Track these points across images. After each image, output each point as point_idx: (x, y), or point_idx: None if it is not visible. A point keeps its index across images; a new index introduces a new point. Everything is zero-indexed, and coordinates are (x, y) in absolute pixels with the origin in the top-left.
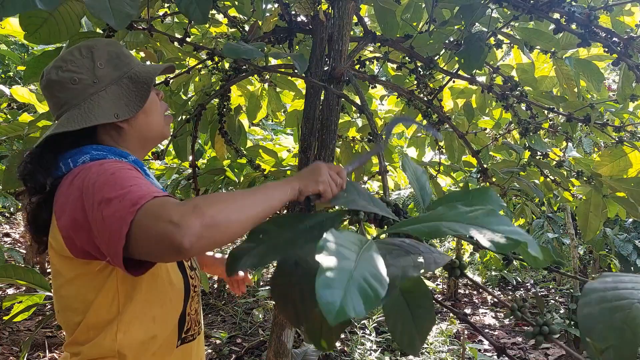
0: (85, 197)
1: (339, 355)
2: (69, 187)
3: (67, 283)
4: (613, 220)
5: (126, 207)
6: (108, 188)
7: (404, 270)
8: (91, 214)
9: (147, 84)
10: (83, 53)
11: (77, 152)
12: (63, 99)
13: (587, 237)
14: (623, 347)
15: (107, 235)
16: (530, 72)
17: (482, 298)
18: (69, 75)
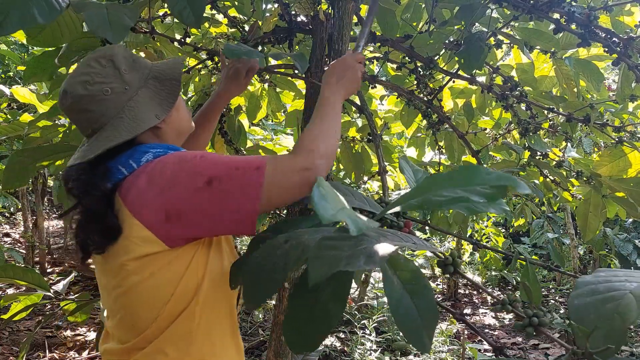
0: (184, 185)
1: (339, 355)
2: (149, 183)
3: (144, 281)
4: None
5: (249, 173)
6: (210, 167)
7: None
8: (202, 196)
9: (175, 79)
10: (102, 63)
11: (133, 153)
12: (98, 112)
13: (587, 237)
14: (612, 334)
15: (234, 205)
16: (530, 72)
17: (482, 298)
18: (99, 87)
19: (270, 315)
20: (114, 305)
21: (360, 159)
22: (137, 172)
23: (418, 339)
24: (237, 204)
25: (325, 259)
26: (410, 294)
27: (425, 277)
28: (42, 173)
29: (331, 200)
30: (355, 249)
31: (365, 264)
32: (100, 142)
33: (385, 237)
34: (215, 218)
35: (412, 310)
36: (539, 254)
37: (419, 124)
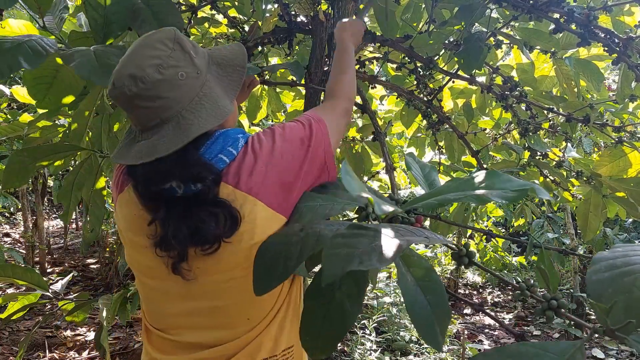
0: (289, 154)
1: (339, 355)
2: (259, 163)
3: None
4: (613, 220)
5: (320, 126)
6: (296, 132)
7: (409, 241)
8: (302, 158)
9: (240, 66)
10: (170, 45)
11: (227, 140)
12: (173, 99)
13: (587, 237)
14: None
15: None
16: (530, 72)
17: (482, 298)
18: (174, 71)
19: None
20: (221, 302)
21: (360, 159)
22: (239, 157)
23: (432, 336)
24: (321, 154)
25: (339, 257)
26: (424, 291)
27: (436, 273)
28: (42, 173)
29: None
30: (369, 245)
31: (379, 261)
32: (185, 130)
33: (398, 233)
34: (311, 174)
35: (426, 307)
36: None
37: (419, 124)
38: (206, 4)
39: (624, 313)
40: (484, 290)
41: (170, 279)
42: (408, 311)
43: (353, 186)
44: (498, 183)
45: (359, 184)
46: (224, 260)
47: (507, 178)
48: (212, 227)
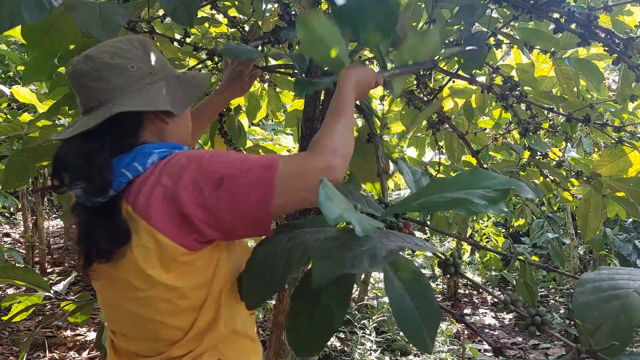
0: (195, 187)
1: (339, 355)
2: (159, 187)
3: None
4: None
5: (261, 173)
6: (219, 167)
7: (399, 247)
8: (212, 198)
9: (199, 85)
10: (135, 44)
11: (137, 154)
12: (116, 85)
13: (587, 237)
14: (617, 332)
15: (246, 206)
16: (530, 72)
17: (482, 298)
18: (126, 61)
19: (270, 315)
20: (132, 319)
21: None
22: (144, 175)
23: (420, 339)
24: (249, 205)
25: (329, 261)
26: (411, 295)
27: (426, 277)
28: (42, 173)
29: (337, 201)
30: (359, 249)
31: (369, 265)
32: (109, 109)
33: (387, 238)
34: (228, 220)
35: (413, 311)
36: (539, 254)
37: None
38: (206, 4)
39: (608, 337)
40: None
41: (97, 281)
42: (394, 315)
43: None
44: (481, 182)
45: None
46: (124, 279)
47: (490, 176)
48: (101, 241)
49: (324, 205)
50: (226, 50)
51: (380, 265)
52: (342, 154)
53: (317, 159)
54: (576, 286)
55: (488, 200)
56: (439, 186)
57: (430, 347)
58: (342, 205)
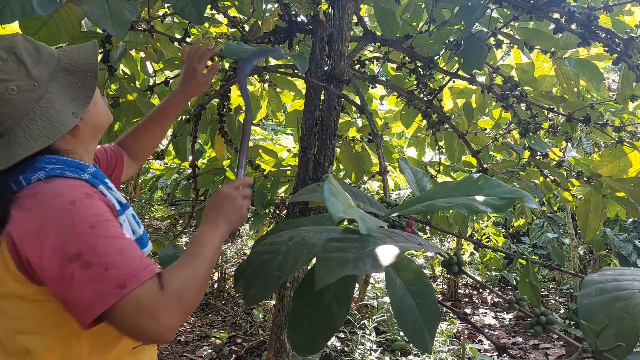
0: (48, 243)
1: (339, 355)
2: (24, 218)
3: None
4: (613, 220)
5: (110, 285)
6: (87, 247)
7: (403, 248)
8: (53, 264)
9: (91, 71)
10: (3, 57)
11: (28, 167)
12: (6, 114)
13: (587, 237)
14: (622, 332)
15: (75, 299)
16: (530, 72)
17: (482, 298)
18: (3, 85)
19: (270, 315)
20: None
21: (361, 159)
22: (22, 193)
23: (420, 339)
24: (78, 303)
25: (332, 262)
26: (412, 295)
27: (427, 277)
28: None
29: (341, 198)
30: (362, 251)
31: (373, 267)
32: (12, 149)
33: (391, 238)
34: (60, 293)
35: (415, 311)
36: (539, 254)
37: (419, 124)
38: (207, 3)
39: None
40: (484, 290)
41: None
42: (395, 315)
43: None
44: (486, 189)
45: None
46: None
47: (496, 184)
48: None
49: (329, 202)
50: (226, 51)
51: (384, 268)
52: (187, 309)
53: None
54: (580, 288)
55: (493, 207)
56: (444, 190)
57: (430, 347)
58: (346, 203)
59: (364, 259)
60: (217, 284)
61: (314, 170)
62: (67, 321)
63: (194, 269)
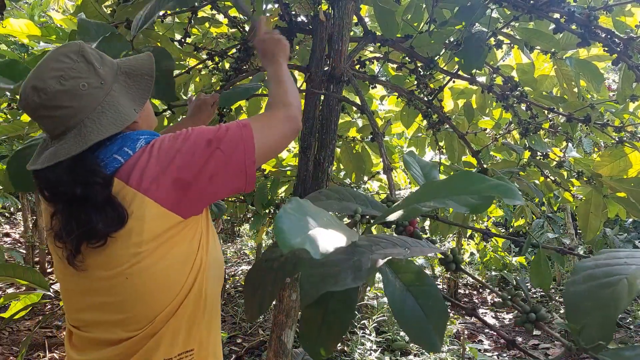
0: (187, 153)
1: (339, 355)
2: (153, 161)
3: (159, 261)
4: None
5: (240, 130)
6: (204, 134)
7: (386, 254)
8: (205, 158)
9: (149, 75)
10: (73, 58)
11: (125, 140)
12: (77, 107)
13: (587, 237)
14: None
15: (235, 157)
16: (530, 73)
17: (482, 298)
18: (75, 82)
19: (270, 315)
20: (113, 297)
21: (361, 159)
22: (135, 156)
23: (428, 340)
24: (238, 156)
25: (315, 278)
26: (414, 296)
27: (430, 277)
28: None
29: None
30: (345, 264)
31: (353, 280)
32: (85, 137)
33: (378, 245)
34: (219, 177)
35: (418, 312)
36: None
37: (419, 124)
38: (207, 4)
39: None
40: (484, 290)
41: (72, 273)
42: (395, 317)
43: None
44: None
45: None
46: (113, 256)
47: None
48: (99, 224)
49: (278, 235)
50: (222, 100)
51: (365, 279)
52: (295, 106)
53: (277, 113)
54: (570, 275)
55: (471, 208)
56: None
57: (439, 347)
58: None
59: (346, 272)
60: None
61: (314, 170)
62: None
63: (282, 86)
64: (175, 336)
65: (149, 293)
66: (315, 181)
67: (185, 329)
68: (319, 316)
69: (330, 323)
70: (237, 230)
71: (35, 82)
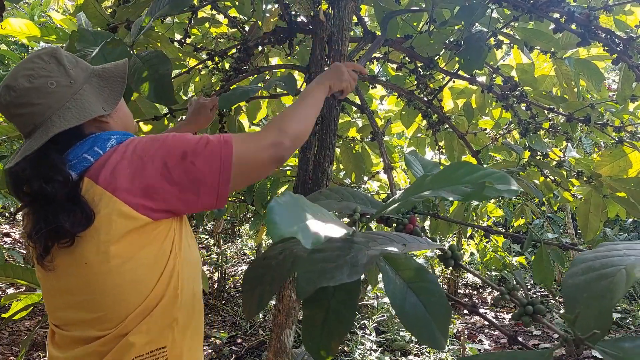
0: (159, 160)
1: (339, 355)
2: (124, 161)
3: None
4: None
5: (218, 147)
6: (182, 144)
7: (383, 251)
8: (177, 170)
9: (121, 77)
10: (45, 59)
11: (96, 140)
12: (45, 105)
13: (587, 237)
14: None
15: (207, 177)
16: (530, 72)
17: (482, 298)
18: (44, 80)
19: (270, 315)
20: (85, 296)
21: (361, 159)
22: (105, 155)
23: (431, 337)
24: (212, 174)
25: (312, 274)
26: (416, 292)
27: (430, 273)
28: None
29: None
30: (341, 259)
31: (349, 276)
32: (49, 130)
33: (375, 241)
34: (188, 192)
35: (420, 309)
36: None
37: (419, 124)
38: (207, 4)
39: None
40: (484, 290)
41: (50, 273)
42: (397, 315)
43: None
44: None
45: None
46: (82, 255)
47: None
48: (65, 223)
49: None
50: (221, 102)
51: (361, 274)
52: (290, 135)
53: (265, 137)
54: (569, 267)
55: (464, 196)
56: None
57: (444, 344)
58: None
59: (342, 268)
60: (217, 284)
61: (313, 170)
62: None
63: (296, 108)
64: (148, 335)
65: (118, 293)
66: (315, 181)
67: (158, 329)
68: (321, 316)
69: (332, 322)
70: (237, 230)
71: (8, 82)
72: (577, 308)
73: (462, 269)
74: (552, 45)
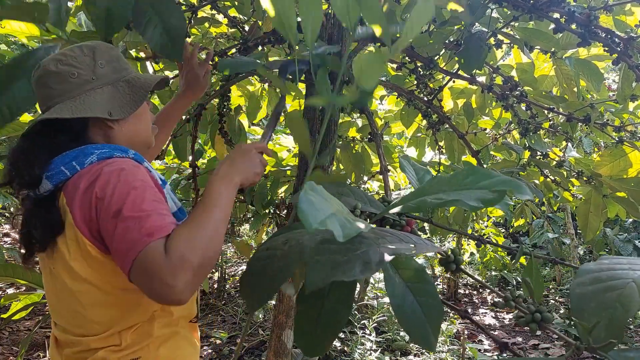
0: (101, 203)
1: (339, 355)
2: (88, 188)
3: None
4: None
5: (141, 234)
6: (128, 203)
7: (395, 251)
8: (104, 222)
9: (144, 89)
10: (85, 51)
11: (79, 154)
12: (58, 91)
13: (587, 237)
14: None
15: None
16: (530, 72)
17: (482, 298)
18: (68, 68)
19: (270, 315)
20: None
21: (360, 159)
22: (78, 174)
23: (424, 338)
24: (120, 251)
25: (322, 266)
26: (413, 292)
27: (428, 274)
28: None
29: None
30: (353, 253)
31: (362, 272)
32: (44, 114)
33: (384, 239)
34: (110, 246)
35: (417, 309)
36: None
37: (419, 124)
38: (206, 4)
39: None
40: (484, 290)
41: (45, 274)
42: (395, 313)
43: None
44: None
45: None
46: (56, 263)
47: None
48: (37, 229)
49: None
50: (222, 65)
51: (374, 271)
52: (196, 269)
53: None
54: (575, 277)
55: (484, 202)
56: (436, 185)
57: (434, 345)
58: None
59: (354, 263)
60: (217, 284)
61: (313, 170)
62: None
63: (198, 226)
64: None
65: (83, 307)
66: None
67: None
68: (314, 312)
69: (325, 320)
70: (237, 230)
71: (44, 60)
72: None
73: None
74: (552, 45)
